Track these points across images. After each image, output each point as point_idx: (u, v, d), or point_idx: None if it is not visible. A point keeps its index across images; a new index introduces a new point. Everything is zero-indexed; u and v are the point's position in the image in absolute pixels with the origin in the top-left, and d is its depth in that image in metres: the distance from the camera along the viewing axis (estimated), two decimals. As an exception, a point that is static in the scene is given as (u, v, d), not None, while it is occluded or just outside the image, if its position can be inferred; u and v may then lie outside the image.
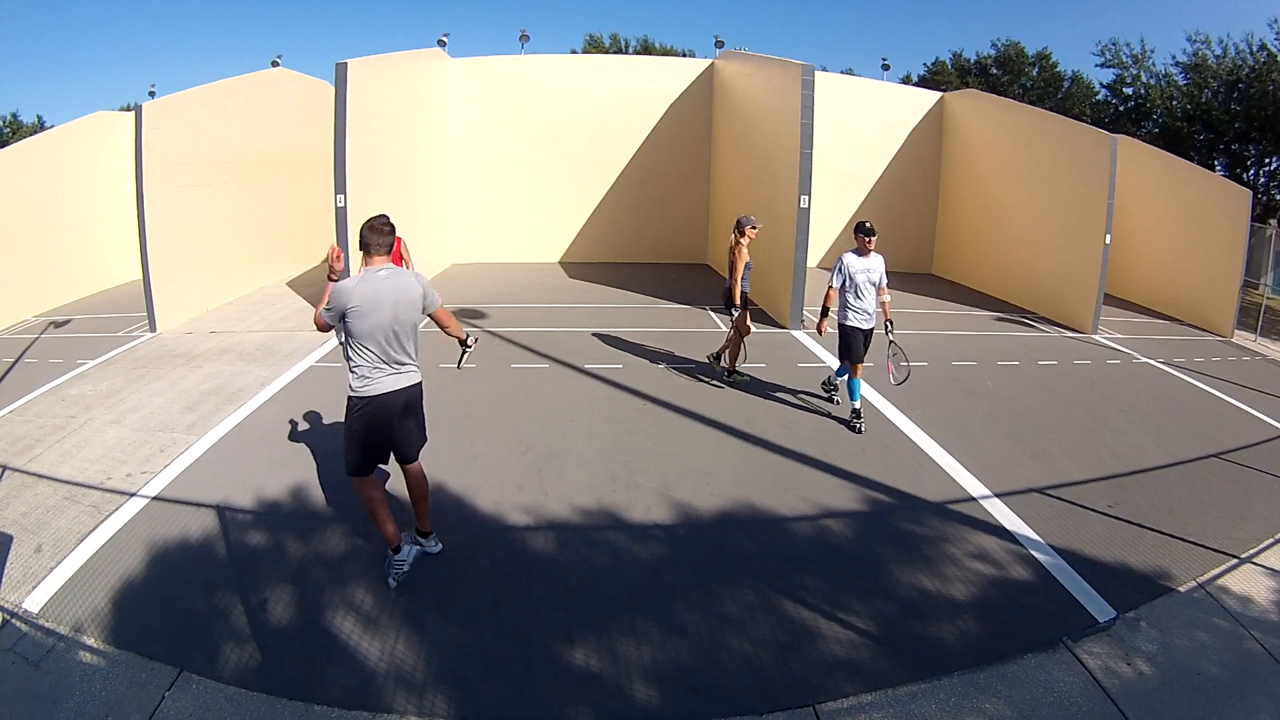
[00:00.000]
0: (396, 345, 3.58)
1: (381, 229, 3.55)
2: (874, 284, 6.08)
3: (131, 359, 8.09)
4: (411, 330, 3.63)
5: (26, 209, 10.95)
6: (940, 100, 15.71)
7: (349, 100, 9.14)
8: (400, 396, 3.66)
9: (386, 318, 3.49)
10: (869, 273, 6.03)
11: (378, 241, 3.54)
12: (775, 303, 10.56)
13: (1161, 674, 3.29)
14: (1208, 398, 7.97)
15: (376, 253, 3.56)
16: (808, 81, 9.28)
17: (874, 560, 4.17)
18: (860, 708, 3.06)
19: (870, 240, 6.01)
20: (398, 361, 3.61)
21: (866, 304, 6.06)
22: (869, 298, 6.06)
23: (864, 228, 6.05)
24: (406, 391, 3.70)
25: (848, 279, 6.00)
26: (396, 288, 3.54)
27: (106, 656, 3.20)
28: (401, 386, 3.66)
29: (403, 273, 3.62)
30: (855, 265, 6.00)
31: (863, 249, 6.04)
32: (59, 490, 4.78)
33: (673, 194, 15.81)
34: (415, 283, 3.60)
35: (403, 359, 3.64)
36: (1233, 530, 4.69)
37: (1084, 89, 26.61)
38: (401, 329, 3.57)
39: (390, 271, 3.57)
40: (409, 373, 3.70)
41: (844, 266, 6.00)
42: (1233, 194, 11.98)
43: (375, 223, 3.55)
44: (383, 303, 3.48)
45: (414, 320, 3.62)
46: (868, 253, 6.07)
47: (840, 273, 6.01)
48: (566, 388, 7.10)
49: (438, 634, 3.41)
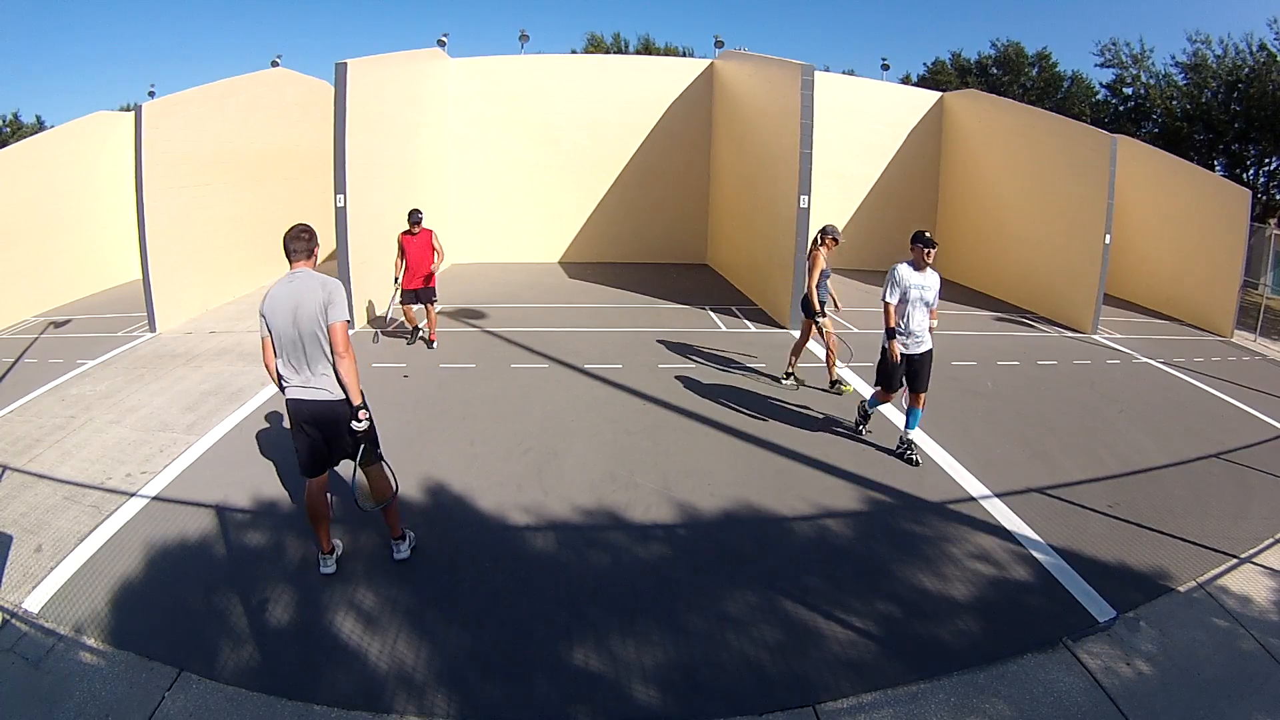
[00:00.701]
0: (299, 354, 3.45)
1: (299, 235, 3.51)
2: (927, 304, 5.33)
3: (131, 359, 8.09)
4: (313, 340, 3.43)
5: (26, 209, 10.93)
6: (940, 100, 15.72)
7: (349, 100, 9.13)
8: (306, 408, 3.52)
9: (285, 323, 3.40)
10: (923, 290, 5.29)
11: (293, 248, 3.50)
12: (775, 303, 10.56)
13: (1161, 674, 3.29)
14: (1208, 398, 7.97)
15: (294, 259, 3.51)
16: (807, 81, 9.29)
17: (874, 560, 4.17)
18: (860, 708, 3.06)
19: (929, 253, 5.24)
20: (301, 371, 3.48)
21: (915, 325, 5.33)
22: (919, 318, 5.33)
23: (924, 238, 5.28)
24: (313, 405, 3.52)
25: (903, 294, 5.29)
26: (298, 293, 3.41)
27: (106, 657, 3.20)
28: (307, 398, 3.51)
29: (313, 279, 3.45)
30: (910, 279, 5.27)
31: (920, 262, 5.30)
32: (59, 490, 4.78)
33: (672, 194, 15.81)
34: (319, 291, 3.40)
35: (304, 369, 3.48)
36: (1232, 530, 4.69)
37: (1084, 89, 26.61)
38: (303, 338, 3.42)
39: (299, 277, 3.45)
40: (315, 387, 3.50)
41: (898, 279, 5.27)
42: (1232, 194, 11.98)
43: (292, 230, 3.53)
44: (280, 309, 3.40)
45: (313, 330, 3.42)
46: (925, 267, 5.31)
47: (895, 286, 5.28)
48: (566, 388, 7.10)
49: (438, 634, 3.41)
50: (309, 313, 3.38)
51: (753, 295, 11.96)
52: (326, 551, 3.85)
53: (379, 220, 10.34)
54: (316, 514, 3.75)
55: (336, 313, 3.42)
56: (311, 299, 3.38)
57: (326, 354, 3.46)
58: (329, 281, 3.45)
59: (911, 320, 5.31)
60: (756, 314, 10.82)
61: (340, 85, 9.12)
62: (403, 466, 5.16)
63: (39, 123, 29.98)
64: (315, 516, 3.76)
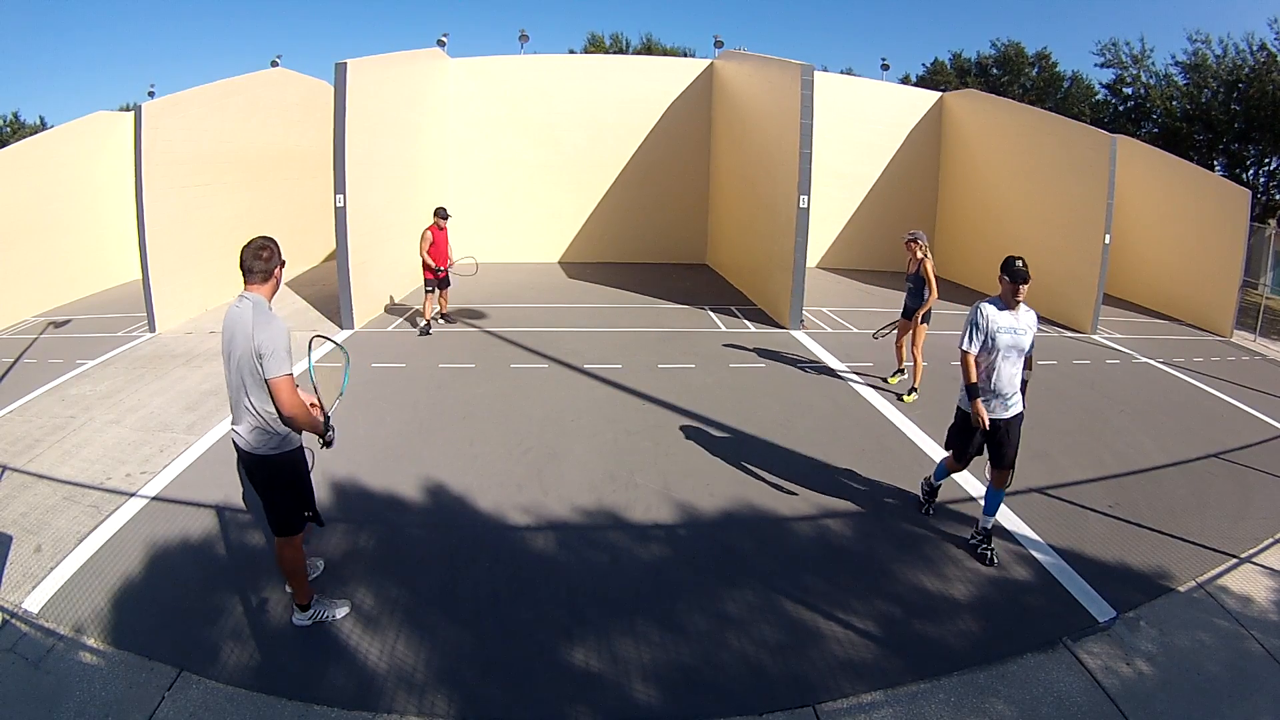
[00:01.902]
0: (234, 388, 3.09)
1: (258, 253, 3.08)
2: (1021, 352, 4.06)
3: (131, 359, 8.09)
4: (244, 384, 3.03)
5: (26, 209, 10.93)
6: (939, 100, 15.72)
7: (349, 100, 9.13)
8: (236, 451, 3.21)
9: (224, 354, 3.09)
10: (1016, 334, 4.01)
11: (250, 265, 3.08)
12: (775, 303, 10.56)
13: (1161, 674, 3.29)
14: (1207, 398, 7.97)
15: (250, 279, 3.11)
16: (807, 81, 9.28)
17: (874, 560, 4.17)
18: (860, 708, 3.06)
19: (1022, 289, 3.99)
20: (235, 410, 3.12)
21: (1003, 381, 4.05)
22: (1009, 372, 4.05)
23: (1015, 270, 3.97)
24: (239, 451, 3.18)
25: (987, 340, 4.02)
26: (235, 325, 3.03)
27: (106, 657, 3.20)
28: (236, 444, 3.17)
29: (253, 316, 2.99)
30: (997, 321, 4.00)
31: (1009, 299, 4.02)
32: (59, 490, 4.78)
33: (672, 194, 15.81)
34: (250, 335, 2.94)
35: (236, 410, 3.11)
36: (1233, 530, 4.69)
37: (1083, 89, 26.62)
38: (235, 376, 3.05)
39: (244, 308, 3.04)
40: (242, 431, 3.11)
41: (981, 321, 4.02)
42: (1232, 194, 11.98)
43: (252, 244, 3.11)
44: (225, 333, 3.07)
45: (246, 373, 3.01)
46: (1016, 305, 4.05)
47: (976, 331, 4.03)
48: (566, 388, 7.10)
49: (438, 634, 3.41)
50: (243, 350, 2.99)
51: (752, 295, 11.96)
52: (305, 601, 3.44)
53: (379, 220, 10.35)
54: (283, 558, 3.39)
55: (273, 366, 2.94)
56: (244, 336, 2.97)
57: (250, 404, 3.05)
58: (262, 325, 2.96)
59: (999, 375, 4.05)
60: (756, 314, 10.82)
61: (340, 85, 9.12)
62: (403, 466, 5.18)
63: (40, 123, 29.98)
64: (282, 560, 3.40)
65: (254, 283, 3.10)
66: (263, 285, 3.12)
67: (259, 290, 3.11)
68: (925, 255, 6.95)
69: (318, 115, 13.19)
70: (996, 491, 4.22)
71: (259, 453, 3.13)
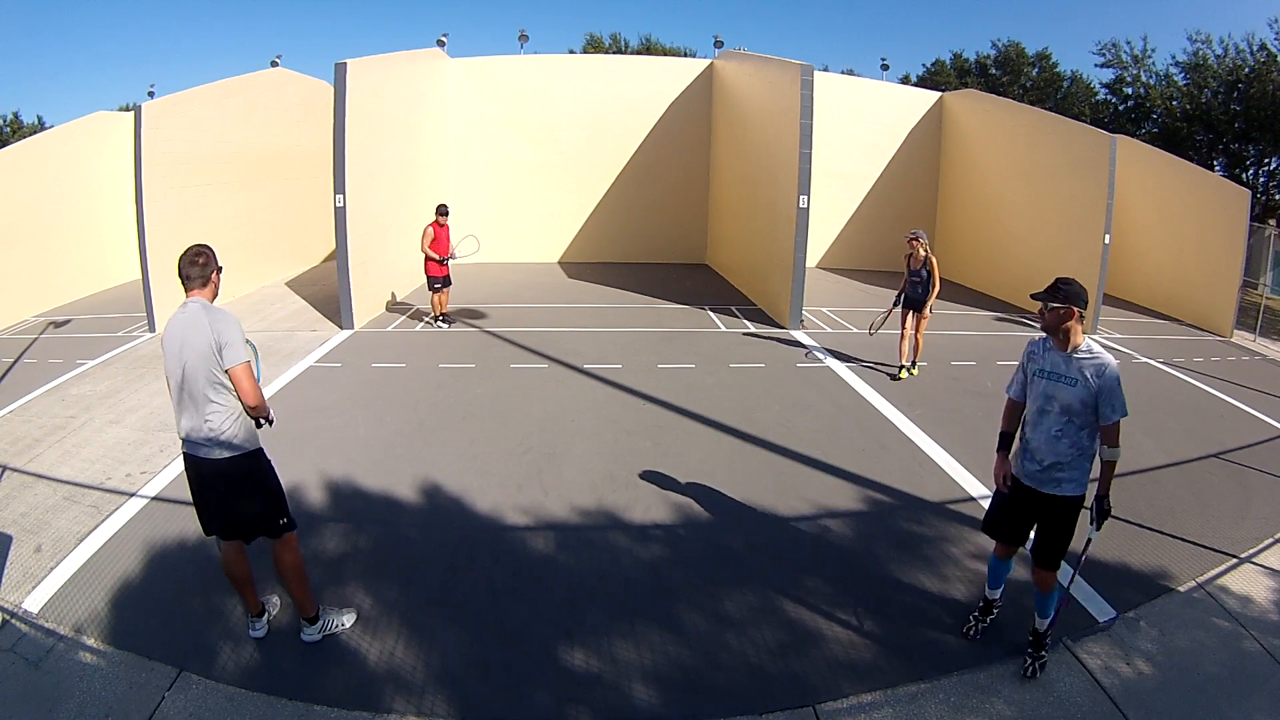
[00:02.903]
0: (186, 399, 3.01)
1: (194, 259, 3.05)
2: (1068, 410, 3.06)
3: (131, 359, 8.09)
4: (203, 385, 2.97)
5: (26, 209, 10.94)
6: (939, 100, 15.72)
7: (348, 100, 9.13)
8: (192, 462, 3.09)
9: (173, 362, 3.00)
10: (1058, 383, 3.07)
11: (187, 273, 3.06)
12: (774, 303, 10.56)
13: (1161, 674, 3.29)
14: (1207, 398, 7.97)
15: (189, 286, 3.07)
16: (807, 81, 9.28)
17: (874, 560, 4.17)
18: (860, 708, 3.06)
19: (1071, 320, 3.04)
20: (190, 417, 3.03)
21: (1040, 440, 3.10)
22: (1047, 429, 3.09)
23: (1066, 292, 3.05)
24: (198, 462, 3.07)
25: (1027, 382, 3.23)
26: (184, 327, 2.97)
27: (106, 657, 3.20)
28: (193, 453, 3.07)
29: (205, 313, 2.98)
30: (1039, 360, 3.17)
31: (1051, 332, 3.11)
32: (59, 490, 4.78)
33: (672, 194, 15.82)
34: (208, 328, 2.93)
35: (193, 418, 3.01)
36: (1232, 530, 4.69)
37: (1083, 89, 26.64)
38: (190, 381, 2.97)
39: (191, 309, 3.01)
40: (203, 442, 3.02)
41: (1022, 357, 3.29)
42: (1232, 194, 11.98)
43: (188, 253, 3.07)
44: (170, 342, 3.00)
45: (204, 373, 2.95)
46: (1064, 343, 3.09)
47: (1018, 369, 3.33)
48: (566, 388, 7.10)
49: (437, 634, 3.41)
50: (199, 350, 2.94)
51: (752, 295, 11.96)
52: (255, 614, 3.38)
53: (379, 220, 10.35)
54: (234, 578, 3.29)
55: (232, 355, 2.96)
56: (199, 335, 2.94)
57: (218, 400, 3.01)
58: (218, 317, 2.98)
59: (1033, 430, 3.14)
60: (756, 314, 10.82)
61: (340, 85, 9.12)
62: (403, 466, 5.18)
63: (39, 123, 29.98)
64: (233, 579, 3.30)
65: (194, 289, 3.08)
66: (203, 290, 3.10)
67: (200, 295, 3.09)
68: (929, 251, 7.63)
69: (318, 115, 13.19)
70: (1042, 597, 3.22)
71: (226, 452, 3.06)
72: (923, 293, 7.57)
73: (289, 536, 3.26)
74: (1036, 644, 3.29)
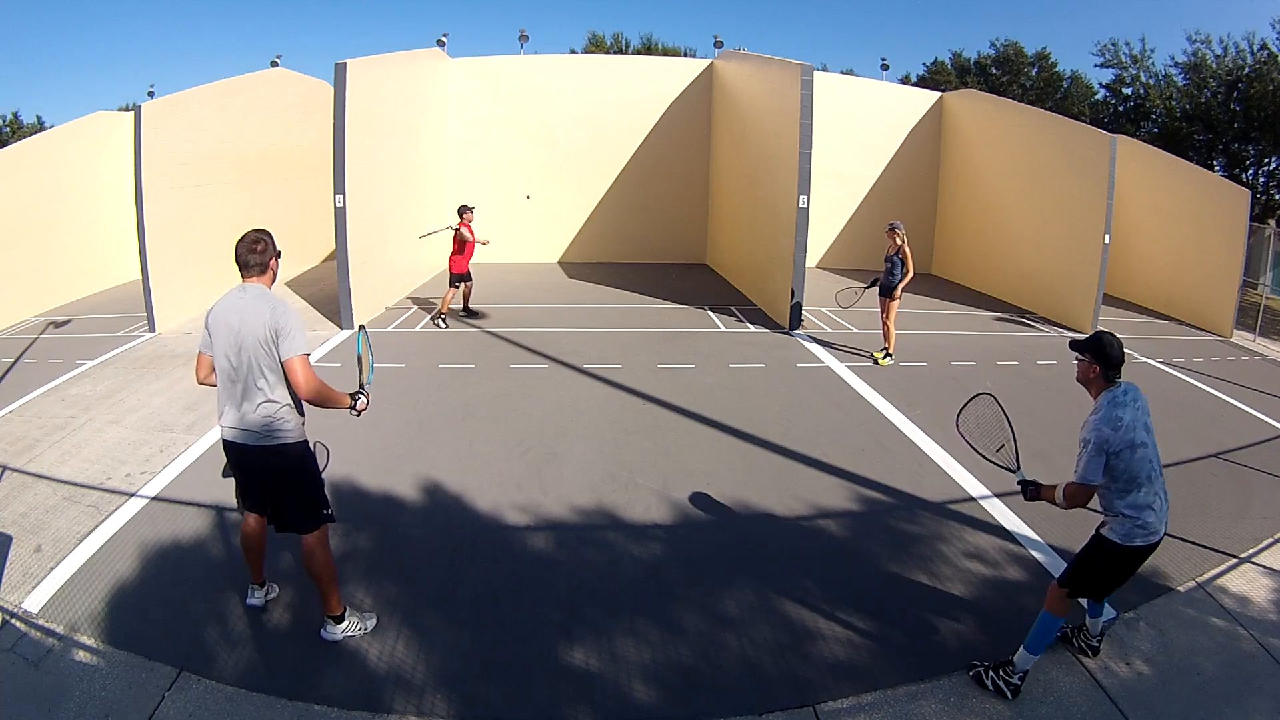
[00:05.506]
0: (236, 385, 3.00)
1: (252, 246, 3.06)
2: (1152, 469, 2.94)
3: (131, 359, 8.09)
4: (255, 371, 2.95)
5: (26, 209, 10.93)
6: (939, 100, 15.71)
7: (348, 100, 9.13)
8: (235, 450, 3.10)
9: (224, 344, 2.98)
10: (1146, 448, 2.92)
11: (245, 260, 3.06)
12: (775, 303, 10.56)
13: (1160, 674, 3.30)
14: (1207, 398, 7.97)
15: (246, 274, 3.08)
16: (807, 81, 9.28)
17: (873, 560, 4.17)
18: (860, 708, 3.06)
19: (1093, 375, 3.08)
20: (237, 405, 3.02)
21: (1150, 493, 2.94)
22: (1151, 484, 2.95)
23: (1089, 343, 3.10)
24: (241, 449, 3.07)
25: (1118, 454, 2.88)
26: (242, 311, 2.95)
27: (106, 657, 3.20)
28: (238, 440, 3.06)
29: (264, 301, 2.98)
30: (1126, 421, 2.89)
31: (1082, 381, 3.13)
32: (59, 490, 4.78)
33: (672, 194, 15.81)
34: (268, 316, 2.91)
35: (243, 404, 3.00)
36: (1232, 530, 4.69)
37: (1083, 89, 26.61)
38: (242, 365, 2.96)
39: (251, 294, 3.00)
40: (250, 428, 3.01)
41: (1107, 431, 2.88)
42: (1232, 194, 11.98)
43: (245, 239, 3.09)
44: (222, 325, 2.98)
45: (257, 360, 2.94)
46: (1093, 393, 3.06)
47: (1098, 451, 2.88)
48: (566, 388, 7.10)
49: (437, 634, 3.41)
50: (255, 336, 2.92)
51: (752, 295, 11.96)
52: (258, 584, 3.51)
53: (379, 220, 10.35)
54: (249, 548, 3.39)
55: (291, 346, 2.93)
56: (257, 321, 2.92)
57: (270, 391, 2.99)
58: (279, 307, 2.97)
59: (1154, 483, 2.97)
60: (756, 314, 10.82)
61: (340, 85, 9.12)
62: (403, 466, 5.18)
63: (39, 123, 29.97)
64: (248, 549, 3.39)
65: (252, 276, 3.08)
66: (261, 277, 3.10)
67: (260, 281, 3.10)
68: (904, 241, 8.34)
69: (318, 115, 13.18)
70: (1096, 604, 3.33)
71: (274, 443, 3.04)
72: (893, 278, 8.27)
73: (322, 531, 3.24)
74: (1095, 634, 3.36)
